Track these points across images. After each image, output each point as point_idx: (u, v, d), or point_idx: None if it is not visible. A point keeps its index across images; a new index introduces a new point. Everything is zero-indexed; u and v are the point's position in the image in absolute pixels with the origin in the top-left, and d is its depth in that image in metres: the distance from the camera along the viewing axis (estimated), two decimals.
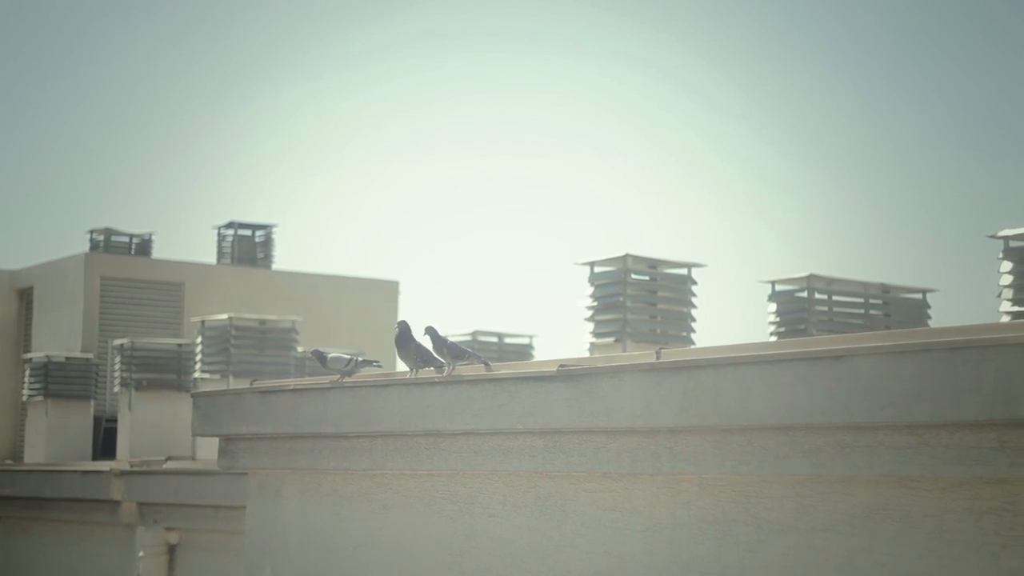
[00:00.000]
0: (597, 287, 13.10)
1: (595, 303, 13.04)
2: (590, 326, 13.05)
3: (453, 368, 7.11)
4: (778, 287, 12.88)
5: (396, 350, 7.31)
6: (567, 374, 6.30)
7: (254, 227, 24.10)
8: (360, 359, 7.81)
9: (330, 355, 7.93)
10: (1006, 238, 10.98)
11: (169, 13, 40.28)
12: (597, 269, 13.17)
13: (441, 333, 7.23)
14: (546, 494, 6.50)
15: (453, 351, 7.18)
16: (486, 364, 7.12)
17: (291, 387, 8.46)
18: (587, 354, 12.62)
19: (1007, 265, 10.95)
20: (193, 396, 9.17)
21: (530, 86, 40.65)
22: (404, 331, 7.21)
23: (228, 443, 8.70)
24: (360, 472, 7.70)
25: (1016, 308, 10.85)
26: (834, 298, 12.96)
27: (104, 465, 14.15)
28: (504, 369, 7.33)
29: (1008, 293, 10.93)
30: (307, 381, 8.77)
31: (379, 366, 7.76)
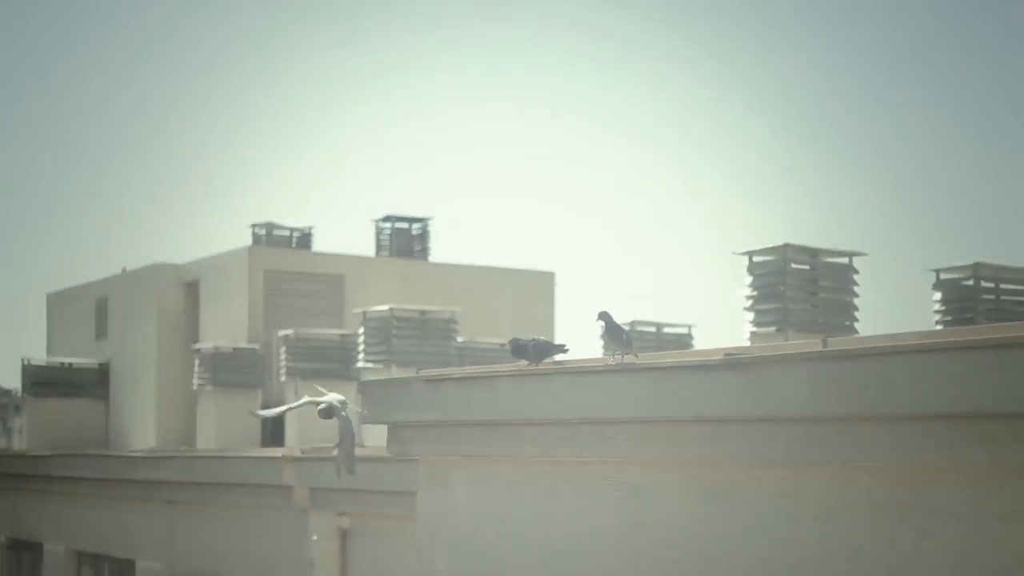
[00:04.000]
0: (756, 277, 13.05)
1: (755, 293, 12.99)
2: (750, 316, 13.01)
3: (623, 356, 7.22)
4: (943, 275, 12.68)
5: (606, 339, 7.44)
6: (733, 362, 6.34)
7: (411, 220, 24.50)
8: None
9: (526, 342, 8.01)
10: None
11: (315, 14, 41.10)
12: (756, 259, 13.11)
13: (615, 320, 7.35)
14: (715, 482, 6.56)
15: (627, 338, 7.32)
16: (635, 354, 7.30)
17: (457, 376, 8.67)
18: (747, 343, 12.59)
19: None
20: (361, 385, 9.44)
21: (690, 76, 40.41)
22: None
23: (397, 430, 8.93)
24: (528, 459, 7.84)
25: None
26: (1001, 286, 12.70)
27: (276, 451, 14.60)
28: (669, 358, 7.41)
29: None
30: (473, 370, 8.97)
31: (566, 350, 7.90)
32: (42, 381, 23.96)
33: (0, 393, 32.59)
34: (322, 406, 8.11)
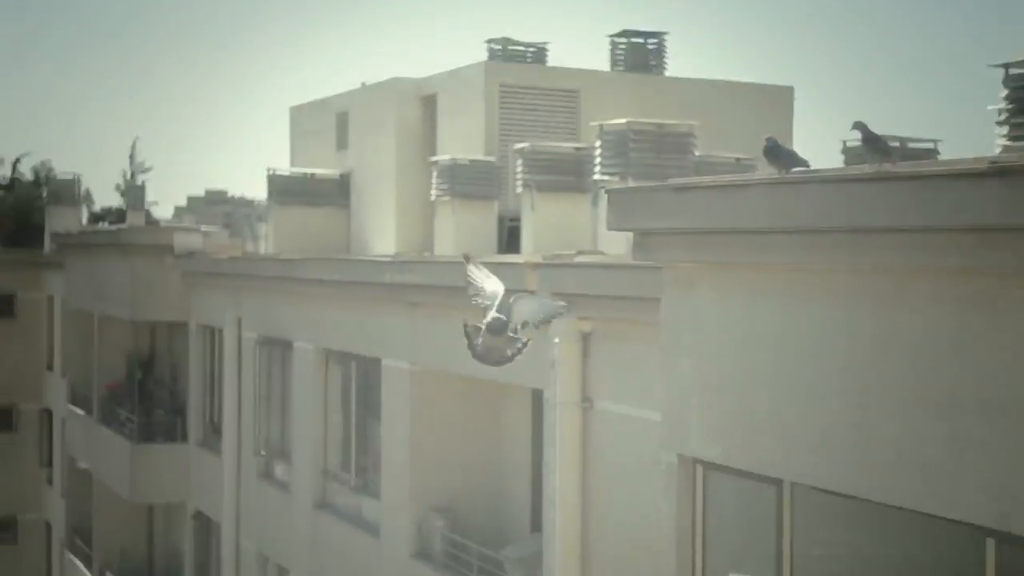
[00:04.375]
0: (1012, 89, 12.52)
1: (1010, 106, 12.49)
2: (1004, 129, 12.52)
3: (880, 165, 7.12)
4: None
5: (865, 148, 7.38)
6: (1000, 170, 6.19)
7: (646, 35, 24.23)
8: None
9: (783, 145, 7.93)
10: None
11: None
12: (1013, 71, 12.55)
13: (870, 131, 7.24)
14: (975, 291, 6.47)
15: (885, 146, 7.20)
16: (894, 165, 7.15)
17: (707, 184, 8.69)
18: None
19: None
20: (608, 193, 9.55)
21: None
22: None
23: (643, 237, 9.04)
24: (777, 267, 7.87)
25: None
26: None
27: (516, 258, 14.96)
28: (930, 166, 7.26)
29: None
30: (723, 178, 8.97)
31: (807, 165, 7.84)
32: (286, 190, 24.97)
33: (243, 203, 34.06)
34: (491, 319, 5.84)
